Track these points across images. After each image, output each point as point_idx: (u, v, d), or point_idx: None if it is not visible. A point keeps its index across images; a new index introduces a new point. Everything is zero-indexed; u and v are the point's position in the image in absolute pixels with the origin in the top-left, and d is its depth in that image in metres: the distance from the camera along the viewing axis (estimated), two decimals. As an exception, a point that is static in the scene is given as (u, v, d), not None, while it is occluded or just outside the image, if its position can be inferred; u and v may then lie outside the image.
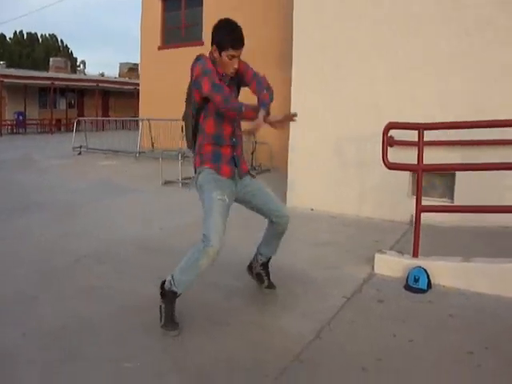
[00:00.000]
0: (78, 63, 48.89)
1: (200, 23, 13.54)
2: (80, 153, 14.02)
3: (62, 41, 59.31)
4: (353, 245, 5.11)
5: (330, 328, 3.17)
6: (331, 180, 6.72)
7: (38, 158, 13.16)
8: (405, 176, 6.18)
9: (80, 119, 15.59)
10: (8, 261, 4.57)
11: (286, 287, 3.86)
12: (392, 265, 4.19)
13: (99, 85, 31.01)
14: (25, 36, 56.73)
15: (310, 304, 3.59)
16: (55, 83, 28.64)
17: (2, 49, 52.65)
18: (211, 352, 2.87)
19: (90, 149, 14.09)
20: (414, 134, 4.60)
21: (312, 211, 6.67)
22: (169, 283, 3.14)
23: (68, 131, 26.48)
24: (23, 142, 20.00)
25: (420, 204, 4.18)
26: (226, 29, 3.13)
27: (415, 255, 4.15)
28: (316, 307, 3.52)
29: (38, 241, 5.25)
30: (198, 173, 3.26)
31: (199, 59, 3.18)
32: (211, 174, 3.20)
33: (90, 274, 4.21)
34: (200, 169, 3.26)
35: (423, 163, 4.20)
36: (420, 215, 4.17)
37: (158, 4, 14.72)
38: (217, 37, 3.14)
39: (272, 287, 3.78)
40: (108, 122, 17.73)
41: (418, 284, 3.86)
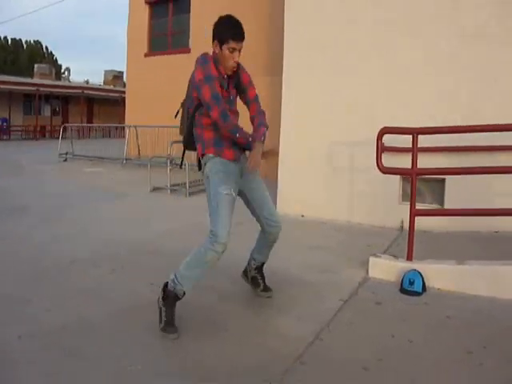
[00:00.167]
0: (63, 70, 48.52)
1: (187, 30, 13.55)
2: (66, 159, 13.92)
3: (47, 47, 58.86)
4: (345, 249, 5.14)
5: (330, 330, 3.17)
6: (321, 186, 6.74)
7: (24, 164, 13.03)
8: (395, 182, 6.23)
9: (66, 125, 15.43)
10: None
11: (282, 291, 3.85)
12: (386, 268, 4.21)
13: (84, 92, 30.86)
14: (9, 42, 56.16)
15: (307, 307, 3.59)
16: (40, 89, 28.41)
17: (-14, 54, 52.11)
18: (212, 354, 2.85)
19: (76, 155, 13.99)
20: (405, 141, 4.69)
21: (303, 217, 6.68)
22: (172, 282, 3.11)
23: (52, 138, 26.45)
24: (7, 149, 19.81)
25: (414, 208, 4.21)
26: (227, 22, 3.18)
27: (409, 259, 4.18)
28: (313, 310, 3.52)
29: (29, 244, 5.19)
30: (204, 163, 3.25)
31: (203, 59, 3.19)
32: (217, 164, 3.19)
33: (86, 276, 4.17)
34: (205, 159, 3.24)
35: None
36: (414, 219, 4.19)
37: (145, 11, 14.70)
38: (218, 31, 3.18)
39: (268, 290, 3.78)
40: (94, 130, 17.54)
41: (414, 287, 3.88)
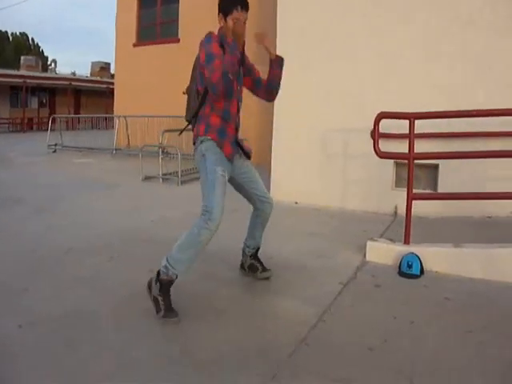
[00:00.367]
0: (49, 62, 47.86)
1: (176, 20, 13.47)
2: (55, 150, 13.81)
3: (33, 39, 58.05)
4: (340, 235, 5.17)
5: (332, 312, 3.20)
6: (315, 173, 6.77)
7: (13, 156, 12.89)
8: (388, 168, 6.27)
9: (55, 117, 15.29)
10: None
11: (280, 275, 3.87)
12: (384, 252, 4.25)
13: (72, 83, 30.56)
14: (-5, 34, 55.34)
15: (307, 290, 3.61)
16: (28, 81, 28.03)
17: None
18: (216, 339, 2.86)
19: (65, 146, 13.89)
20: (399, 128, 4.72)
21: (296, 204, 6.70)
22: (164, 268, 3.08)
23: (40, 130, 26.22)
24: (-5, 141, 19.55)
25: (411, 192, 4.24)
26: None
27: (407, 242, 4.21)
28: (314, 293, 3.54)
29: (23, 234, 5.13)
30: (201, 141, 3.23)
31: (207, 39, 3.15)
32: (214, 146, 3.20)
33: (83, 265, 4.13)
34: (203, 138, 3.23)
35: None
36: (411, 203, 4.23)
37: (134, 1, 14.57)
38: (222, 4, 3.18)
39: (267, 271, 3.79)
40: (83, 121, 17.33)
41: (412, 270, 3.92)
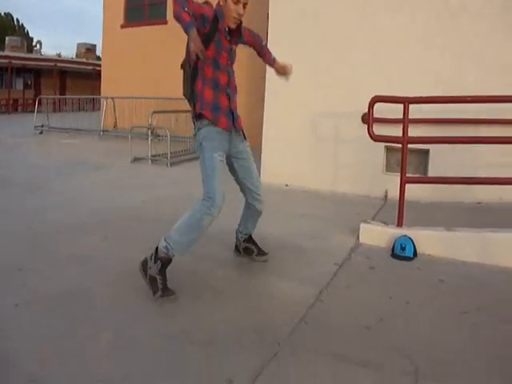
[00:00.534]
0: (34, 43, 46.93)
1: (164, 2, 13.26)
2: (42, 132, 13.63)
3: (18, 20, 56.83)
4: (333, 217, 5.21)
5: (328, 292, 3.23)
6: (306, 156, 6.78)
7: (1, 137, 12.64)
8: (379, 153, 6.31)
9: (42, 97, 15.06)
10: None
11: (275, 256, 3.89)
12: (377, 234, 4.29)
13: (57, 65, 30.09)
14: (-21, 14, 54.07)
15: (303, 271, 3.63)
16: (13, 62, 27.53)
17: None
18: (214, 318, 2.87)
19: (52, 128, 13.69)
20: (389, 113, 4.76)
21: (287, 187, 6.72)
22: (165, 249, 3.08)
23: (25, 111, 25.97)
24: (-21, 122, 19.21)
25: (405, 175, 4.27)
26: None
27: (400, 225, 4.26)
28: (309, 273, 3.57)
29: (14, 213, 5.07)
30: (198, 128, 3.24)
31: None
32: (212, 132, 3.20)
33: (78, 244, 4.11)
34: (199, 124, 3.23)
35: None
36: (405, 186, 4.26)
37: (122, -20, 14.34)
38: None
39: (263, 254, 3.82)
40: (69, 103, 17.01)
41: (405, 252, 3.97)
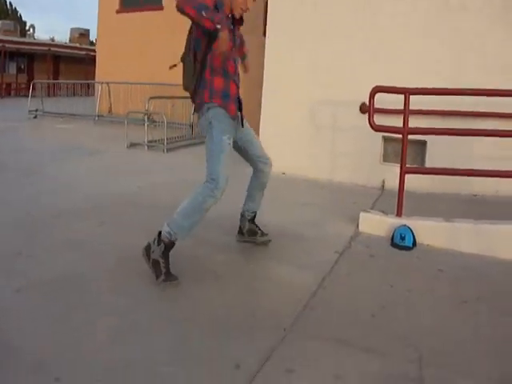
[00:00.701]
0: (28, 27, 46.27)
1: (160, -13, 13.20)
2: (36, 116, 13.47)
3: (11, 4, 55.91)
4: (332, 205, 5.22)
5: (331, 279, 3.25)
6: (304, 145, 6.77)
7: (-5, 121, 12.54)
8: (377, 143, 6.32)
9: (36, 82, 14.90)
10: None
11: (276, 242, 3.90)
12: (377, 223, 4.31)
13: (51, 49, 29.76)
14: (-30, -3, 53.18)
15: (304, 258, 3.65)
16: (6, 46, 27.15)
17: None
18: (218, 303, 2.88)
19: (46, 112, 13.53)
20: (387, 104, 4.79)
21: (284, 175, 6.71)
22: (168, 234, 3.09)
23: (18, 96, 25.70)
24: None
25: (405, 166, 4.29)
26: None
27: (399, 215, 4.28)
28: (310, 261, 3.58)
29: (12, 199, 5.01)
30: (207, 108, 3.22)
31: None
32: (221, 114, 3.21)
33: (75, 229, 4.08)
34: (209, 105, 3.21)
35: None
36: (404, 176, 4.28)
37: (118, -35, 14.19)
38: None
39: (266, 235, 3.87)
40: (64, 87, 16.66)
41: (404, 242, 3.99)
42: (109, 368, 2.20)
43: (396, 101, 4.52)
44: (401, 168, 4.31)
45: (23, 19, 53.73)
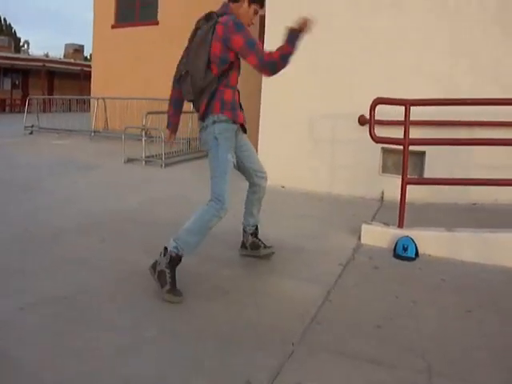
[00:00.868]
0: (22, 43, 46.54)
1: (155, 2, 13.26)
2: (32, 132, 13.44)
3: (5, 19, 56.09)
4: (332, 218, 5.24)
5: (336, 292, 3.26)
6: (302, 158, 6.79)
7: (-11, 138, 12.52)
8: (375, 155, 6.35)
9: (32, 98, 14.91)
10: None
11: (279, 256, 3.91)
12: (379, 235, 4.33)
13: (45, 65, 29.88)
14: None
15: (309, 271, 3.66)
16: (1, 62, 27.17)
17: None
18: (225, 318, 2.87)
19: (42, 128, 13.52)
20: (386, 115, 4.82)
21: (283, 189, 6.73)
22: (175, 249, 3.11)
23: (13, 112, 25.72)
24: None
25: (406, 177, 4.32)
26: None
27: (401, 226, 4.30)
28: (315, 274, 3.59)
29: (12, 215, 5.01)
30: (213, 122, 3.21)
31: (239, 24, 3.16)
32: (228, 130, 3.25)
33: (76, 246, 4.07)
34: (216, 118, 3.21)
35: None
36: (406, 187, 4.31)
37: (113, -18, 14.25)
38: None
39: (269, 247, 3.87)
40: (60, 103, 16.60)
41: (407, 253, 4.02)
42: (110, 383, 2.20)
43: (391, 112, 4.59)
44: (402, 179, 4.33)
45: (18, 35, 54.04)
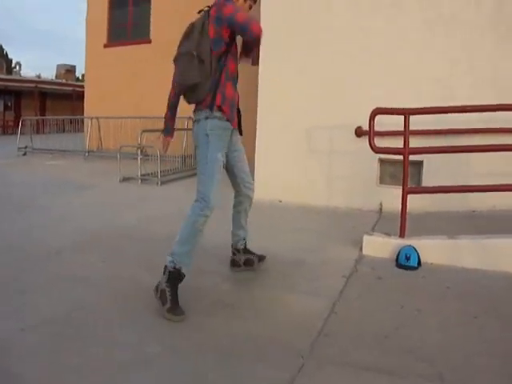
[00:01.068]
0: (14, 64, 46.70)
1: (147, 21, 13.35)
2: (25, 153, 13.45)
3: (-3, 41, 56.49)
4: (331, 230, 5.22)
5: (341, 304, 3.23)
6: (299, 170, 6.77)
7: (-18, 160, 12.53)
8: (373, 166, 6.34)
9: (25, 119, 14.92)
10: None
11: (280, 270, 3.89)
12: (380, 245, 4.31)
13: (38, 86, 30.01)
14: (-43, 35, 53.56)
15: (311, 284, 3.63)
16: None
17: None
18: (229, 332, 2.84)
19: (36, 149, 13.52)
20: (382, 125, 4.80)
21: (280, 203, 6.71)
22: (171, 263, 3.11)
23: (5, 134, 25.87)
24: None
25: (407, 186, 4.31)
26: None
27: (402, 235, 4.29)
28: (318, 286, 3.57)
29: (9, 234, 4.98)
30: (206, 117, 3.18)
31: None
32: (220, 128, 3.21)
33: (76, 264, 4.04)
34: (210, 114, 3.18)
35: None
36: (407, 197, 4.30)
37: (105, 1, 14.32)
38: None
39: (263, 257, 3.87)
40: (53, 124, 16.58)
41: (410, 262, 4.00)
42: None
43: (389, 122, 4.59)
44: (403, 188, 4.32)
45: (9, 56, 54.15)
